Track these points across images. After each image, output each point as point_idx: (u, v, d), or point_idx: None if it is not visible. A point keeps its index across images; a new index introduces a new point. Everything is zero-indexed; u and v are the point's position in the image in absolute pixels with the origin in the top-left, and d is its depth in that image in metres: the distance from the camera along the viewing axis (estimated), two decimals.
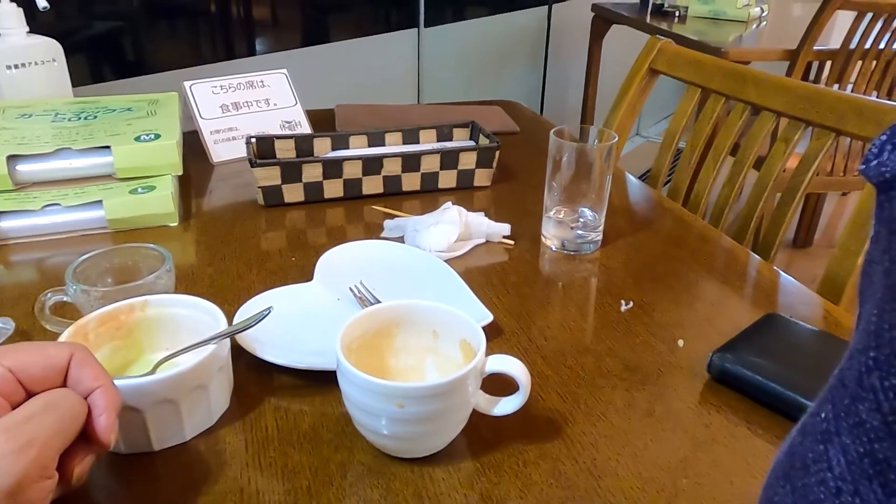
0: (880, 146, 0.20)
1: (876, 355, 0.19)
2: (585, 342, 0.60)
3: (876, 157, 0.20)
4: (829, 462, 0.20)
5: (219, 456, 0.47)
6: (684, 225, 0.84)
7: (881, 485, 0.19)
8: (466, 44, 2.27)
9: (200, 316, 0.51)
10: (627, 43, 2.09)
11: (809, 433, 0.22)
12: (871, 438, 0.19)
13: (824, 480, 0.20)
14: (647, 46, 1.09)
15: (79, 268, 0.56)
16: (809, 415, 0.22)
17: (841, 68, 1.92)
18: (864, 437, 0.19)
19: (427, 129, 0.95)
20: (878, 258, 0.20)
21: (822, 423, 0.21)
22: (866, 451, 0.19)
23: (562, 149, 0.72)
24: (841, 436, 0.20)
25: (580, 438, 0.49)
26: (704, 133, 1.02)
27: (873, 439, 0.19)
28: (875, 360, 0.19)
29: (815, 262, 2.42)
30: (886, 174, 0.20)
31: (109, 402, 0.40)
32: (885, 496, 0.18)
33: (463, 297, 0.62)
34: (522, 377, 0.46)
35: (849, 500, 0.19)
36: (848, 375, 0.20)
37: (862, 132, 0.80)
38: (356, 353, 0.48)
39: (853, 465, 0.19)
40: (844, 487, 0.19)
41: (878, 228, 0.21)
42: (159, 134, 0.80)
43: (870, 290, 0.21)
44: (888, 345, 0.19)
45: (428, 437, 0.46)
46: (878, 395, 0.19)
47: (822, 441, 0.21)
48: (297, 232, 0.78)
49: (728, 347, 0.55)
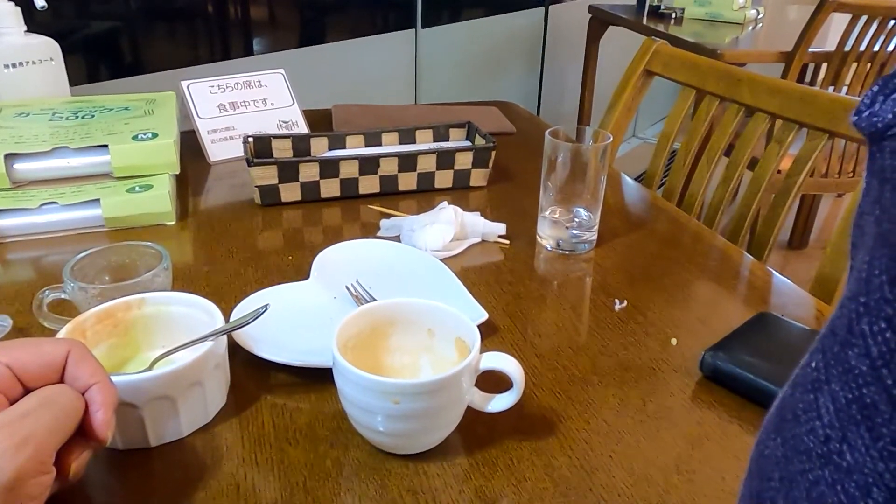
0: (872, 96, 0.20)
1: (866, 300, 0.19)
2: (580, 341, 0.61)
3: (868, 108, 0.20)
4: (819, 410, 0.20)
5: (215, 452, 0.47)
6: (678, 225, 0.84)
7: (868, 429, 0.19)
8: (463, 45, 2.27)
9: (197, 314, 0.52)
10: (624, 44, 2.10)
11: (800, 384, 0.21)
12: (859, 384, 0.19)
13: (813, 429, 0.20)
14: (643, 48, 1.10)
15: (76, 265, 0.56)
16: (800, 367, 0.22)
17: (836, 70, 1.93)
18: (853, 382, 0.19)
19: (424, 130, 0.95)
20: (869, 208, 0.20)
21: (812, 372, 0.21)
22: (854, 396, 0.19)
23: (557, 149, 0.73)
24: (830, 383, 0.20)
25: (573, 435, 0.50)
26: (699, 134, 1.03)
27: (861, 384, 0.19)
28: (865, 305, 0.19)
29: (810, 263, 2.43)
30: (878, 123, 0.20)
31: (106, 399, 0.40)
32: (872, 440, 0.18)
33: (458, 295, 0.63)
34: (516, 374, 0.46)
35: (836, 448, 0.19)
36: (838, 324, 0.20)
37: (855, 133, 0.80)
38: (352, 351, 0.48)
39: (841, 411, 0.19)
40: (833, 434, 0.19)
41: (868, 179, 0.21)
42: (156, 133, 0.80)
43: (861, 241, 0.21)
44: (878, 290, 0.19)
45: (423, 433, 0.46)
46: (868, 339, 0.19)
47: (812, 390, 0.21)
48: (294, 231, 0.79)
49: (720, 346, 0.56)
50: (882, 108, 0.20)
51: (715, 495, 0.45)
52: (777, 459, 0.22)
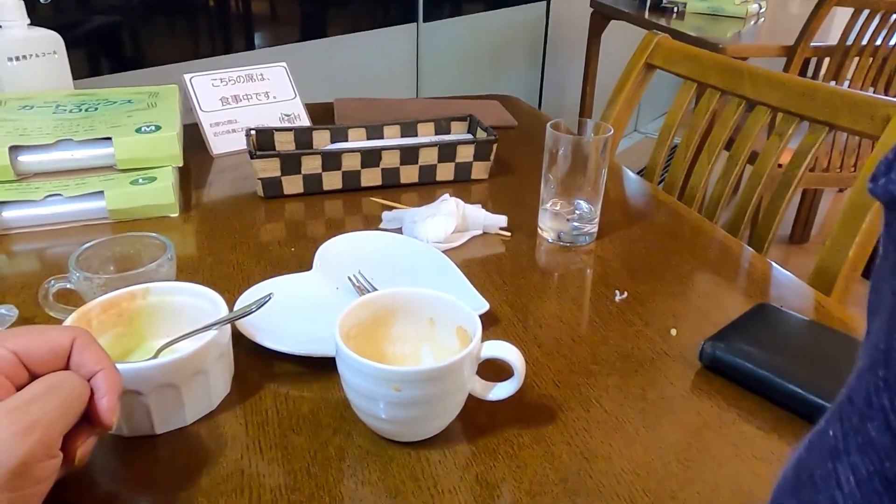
0: (888, 165, 0.20)
1: (885, 375, 0.19)
2: (580, 331, 0.61)
3: (884, 175, 0.20)
4: (839, 479, 0.20)
5: (220, 439, 0.48)
6: (679, 218, 0.85)
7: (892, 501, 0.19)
8: (465, 39, 2.27)
9: (201, 303, 0.52)
10: (626, 39, 2.10)
11: (817, 449, 0.21)
12: (881, 457, 0.19)
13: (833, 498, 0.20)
14: (644, 41, 1.10)
15: (81, 256, 0.57)
16: (817, 431, 0.22)
17: (838, 65, 1.93)
18: (875, 455, 0.19)
19: (425, 123, 0.96)
20: (888, 275, 0.20)
21: (830, 439, 0.21)
22: (876, 469, 0.19)
23: (558, 141, 0.73)
24: (850, 454, 0.20)
25: (573, 423, 0.50)
26: (700, 127, 1.03)
27: (883, 458, 0.19)
28: (885, 380, 0.19)
29: (811, 257, 2.42)
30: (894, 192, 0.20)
31: (111, 385, 0.41)
32: None
33: (460, 286, 0.63)
34: (517, 362, 0.47)
35: None
36: (857, 393, 0.20)
37: (855, 126, 0.81)
38: (354, 340, 0.49)
39: (863, 483, 0.19)
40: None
41: (886, 245, 0.21)
42: (160, 126, 0.81)
43: (878, 307, 0.21)
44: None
45: (425, 420, 0.47)
46: (889, 415, 0.19)
47: (830, 458, 0.21)
48: (297, 223, 0.79)
49: (720, 336, 0.56)
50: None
51: (713, 482, 0.46)
52: None
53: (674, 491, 0.45)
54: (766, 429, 0.50)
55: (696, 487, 0.45)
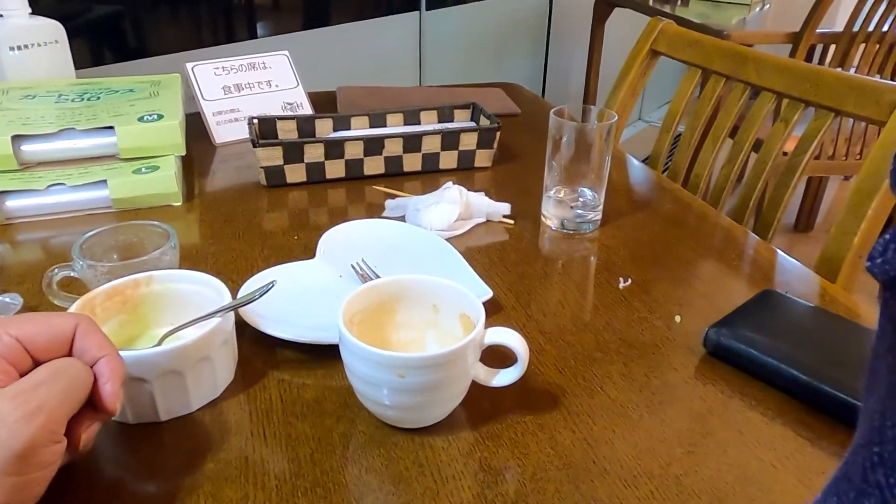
0: (884, 245, 0.20)
1: (880, 451, 0.19)
2: (584, 318, 0.61)
3: (881, 255, 0.20)
4: None
5: (224, 426, 0.48)
6: (683, 205, 0.84)
7: None
8: (468, 27, 2.26)
9: (205, 291, 0.52)
10: (630, 26, 2.08)
11: None
12: None
13: None
14: (648, 27, 1.09)
15: (85, 244, 0.57)
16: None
17: (844, 51, 1.92)
18: None
19: (428, 111, 0.95)
20: (884, 353, 0.20)
21: None
22: None
23: (562, 128, 0.73)
24: None
25: (577, 410, 0.50)
26: (705, 114, 1.02)
27: None
28: (879, 455, 0.19)
29: (816, 245, 2.41)
30: (891, 273, 0.20)
31: (114, 371, 0.41)
32: None
33: (463, 274, 0.63)
34: (520, 349, 0.47)
35: None
36: (852, 469, 0.20)
37: (861, 112, 0.80)
38: (358, 326, 0.49)
39: None
40: None
41: (883, 323, 0.21)
42: (162, 115, 0.81)
43: (874, 384, 0.21)
44: (891, 441, 0.19)
45: (428, 407, 0.47)
46: (885, 491, 0.19)
47: None
48: (300, 211, 0.79)
49: (724, 323, 0.56)
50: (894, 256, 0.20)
51: (716, 467, 0.46)
52: None
53: (678, 476, 0.45)
54: (769, 415, 0.50)
55: (699, 473, 0.45)
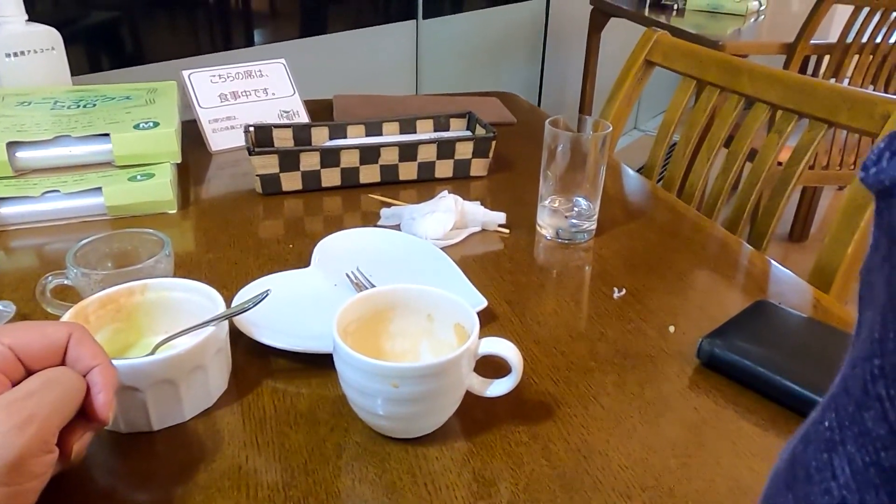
0: (878, 154, 0.20)
1: (881, 363, 0.19)
2: (578, 328, 0.61)
3: (874, 165, 0.20)
4: (834, 471, 0.20)
5: (217, 435, 0.48)
6: (678, 215, 0.85)
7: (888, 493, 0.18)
8: (465, 36, 2.27)
9: (199, 299, 0.52)
10: (626, 36, 2.09)
11: (812, 441, 0.21)
12: (877, 448, 0.19)
13: (829, 490, 0.20)
14: (644, 38, 1.10)
15: (79, 251, 0.57)
16: (812, 422, 0.22)
17: (838, 62, 1.93)
18: (870, 446, 0.19)
19: (424, 120, 0.95)
20: (879, 266, 0.20)
21: (825, 431, 0.21)
22: (872, 460, 0.19)
23: (557, 138, 0.73)
24: (846, 444, 0.20)
25: (571, 420, 0.50)
26: (699, 124, 1.03)
27: (879, 448, 0.19)
28: (881, 368, 0.19)
29: (810, 255, 2.43)
30: (885, 181, 0.19)
31: (107, 380, 0.41)
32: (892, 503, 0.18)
33: (458, 283, 0.63)
34: (514, 359, 0.47)
35: None
36: (852, 383, 0.20)
37: (854, 123, 0.81)
38: (352, 336, 0.49)
39: (858, 474, 0.19)
40: (849, 497, 0.19)
41: (877, 236, 0.20)
42: (158, 122, 0.81)
43: (870, 297, 0.21)
44: (893, 353, 0.19)
45: (422, 417, 0.47)
46: (885, 403, 0.19)
47: (826, 450, 0.20)
48: (295, 220, 0.79)
49: (718, 333, 0.56)
50: (889, 165, 0.20)
51: (710, 478, 0.46)
52: None
53: (671, 487, 0.45)
54: (763, 425, 0.50)
55: (693, 484, 0.45)
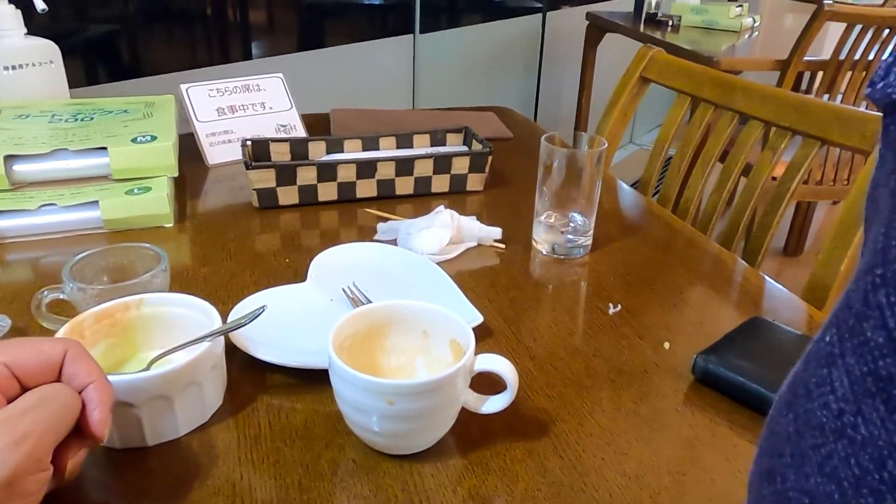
0: (886, 68, 0.20)
1: (883, 272, 0.19)
2: (573, 344, 0.61)
3: (882, 80, 0.20)
4: (832, 384, 0.20)
5: (212, 451, 0.47)
6: (673, 231, 0.85)
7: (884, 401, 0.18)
8: (461, 50, 2.28)
9: (195, 314, 0.52)
10: (621, 51, 2.11)
11: (813, 359, 0.21)
12: (874, 356, 0.18)
13: (827, 403, 0.20)
14: (639, 55, 1.11)
15: (75, 266, 0.57)
16: (814, 342, 0.22)
17: (831, 78, 1.95)
18: (869, 355, 0.19)
19: (421, 134, 0.96)
20: (884, 180, 0.20)
21: (826, 346, 0.20)
22: (870, 369, 0.18)
23: (553, 154, 0.74)
24: (845, 357, 0.19)
25: (566, 437, 0.50)
26: (694, 140, 1.04)
27: (877, 357, 0.18)
28: (882, 276, 0.19)
29: (805, 269, 2.43)
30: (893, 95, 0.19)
31: (103, 397, 0.41)
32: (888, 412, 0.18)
33: (454, 298, 0.64)
34: (510, 376, 0.47)
35: (850, 421, 0.19)
36: (853, 297, 0.20)
37: (846, 141, 0.82)
38: (348, 352, 0.49)
39: (856, 384, 0.19)
40: (847, 408, 0.19)
41: (883, 151, 0.20)
42: (155, 136, 0.81)
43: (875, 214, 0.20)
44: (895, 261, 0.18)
45: (417, 434, 0.47)
46: (885, 311, 0.18)
47: (825, 365, 0.20)
48: (291, 234, 0.79)
49: (712, 350, 0.57)
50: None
51: (705, 496, 0.46)
52: (788, 435, 0.21)
53: None
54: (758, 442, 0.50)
55: (688, 501, 0.45)
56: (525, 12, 2.58)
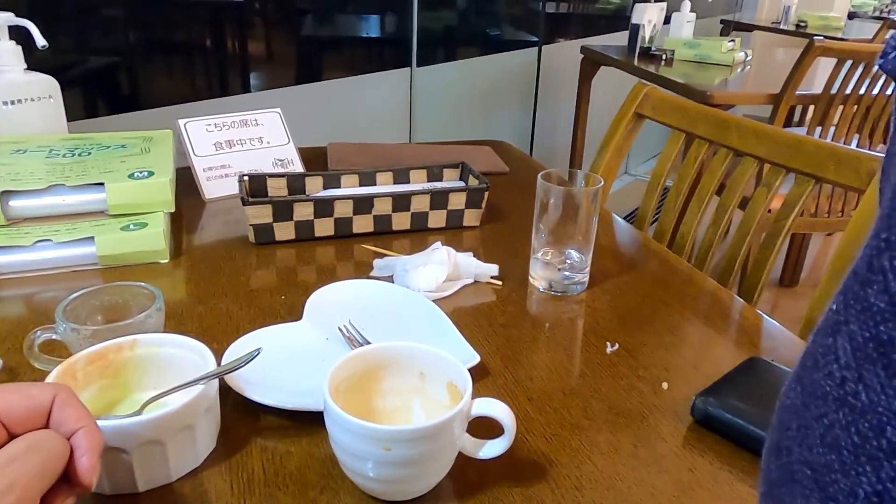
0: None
1: (888, 236, 0.19)
2: (571, 384, 0.61)
3: (894, 49, 0.20)
4: (836, 353, 0.19)
5: (204, 497, 0.47)
6: (670, 267, 0.85)
7: (884, 367, 0.18)
8: (458, 84, 2.31)
9: (189, 355, 0.52)
10: (616, 84, 2.14)
11: (821, 329, 0.21)
12: (877, 321, 0.18)
13: (830, 372, 0.19)
14: (633, 92, 1.12)
15: (69, 306, 0.56)
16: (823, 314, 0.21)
17: (823, 112, 1.97)
18: (871, 321, 0.18)
19: (418, 170, 0.96)
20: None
21: (832, 315, 0.20)
22: (872, 335, 0.18)
23: (549, 192, 0.74)
24: (849, 324, 0.19)
25: (565, 481, 0.49)
26: (689, 176, 1.04)
27: (879, 321, 0.18)
28: (886, 240, 0.19)
29: (801, 301, 2.44)
30: None
31: (92, 444, 0.40)
32: (888, 378, 0.18)
33: (450, 337, 0.63)
34: (508, 421, 0.46)
35: (852, 388, 0.19)
36: (860, 264, 0.20)
37: (841, 179, 0.82)
38: (344, 394, 0.48)
39: (858, 351, 0.19)
40: (849, 375, 0.19)
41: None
42: (153, 171, 0.81)
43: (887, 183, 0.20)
44: None
45: (414, 479, 0.46)
46: (888, 275, 0.18)
47: (831, 333, 0.20)
48: (288, 270, 0.79)
49: (711, 391, 0.56)
50: None
51: None
52: (795, 408, 0.21)
53: None
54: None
55: None
56: (521, 46, 2.62)
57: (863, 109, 1.99)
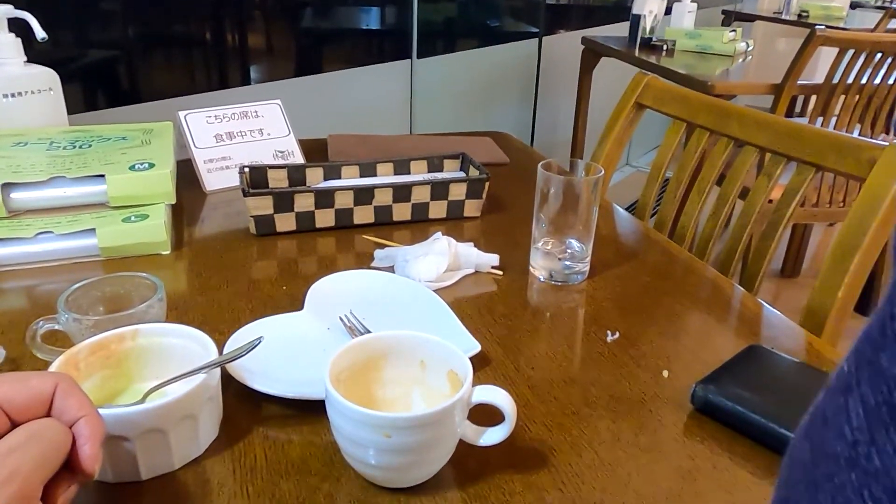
0: None
1: None
2: (572, 372, 0.61)
3: None
4: (848, 414, 0.20)
5: (206, 485, 0.47)
6: (670, 257, 0.85)
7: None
8: (458, 75, 2.30)
9: (191, 345, 0.52)
10: (617, 75, 2.13)
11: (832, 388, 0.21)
12: (890, 387, 0.18)
13: (842, 433, 0.20)
14: (634, 82, 1.12)
15: (71, 296, 0.56)
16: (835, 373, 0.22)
17: (825, 102, 1.97)
18: (884, 385, 0.18)
19: (418, 161, 0.96)
20: None
21: (844, 375, 0.20)
22: (885, 399, 0.18)
23: (550, 182, 0.74)
24: (861, 386, 0.19)
25: (565, 469, 0.50)
26: (690, 166, 1.04)
27: (892, 387, 0.18)
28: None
29: (802, 291, 2.44)
30: None
31: (94, 432, 0.40)
32: None
33: (451, 327, 0.63)
34: (508, 408, 0.47)
35: (864, 451, 0.19)
36: (873, 327, 0.20)
37: (841, 167, 0.82)
38: (345, 383, 0.48)
39: (871, 414, 0.19)
40: (861, 437, 0.19)
41: None
42: (153, 163, 0.81)
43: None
44: None
45: (415, 467, 0.46)
46: None
47: (842, 393, 0.20)
48: (289, 261, 0.79)
49: (711, 379, 0.56)
50: None
51: None
52: (804, 464, 0.21)
53: None
54: (759, 474, 0.50)
55: None
56: (522, 37, 2.61)
57: (864, 99, 1.99)
